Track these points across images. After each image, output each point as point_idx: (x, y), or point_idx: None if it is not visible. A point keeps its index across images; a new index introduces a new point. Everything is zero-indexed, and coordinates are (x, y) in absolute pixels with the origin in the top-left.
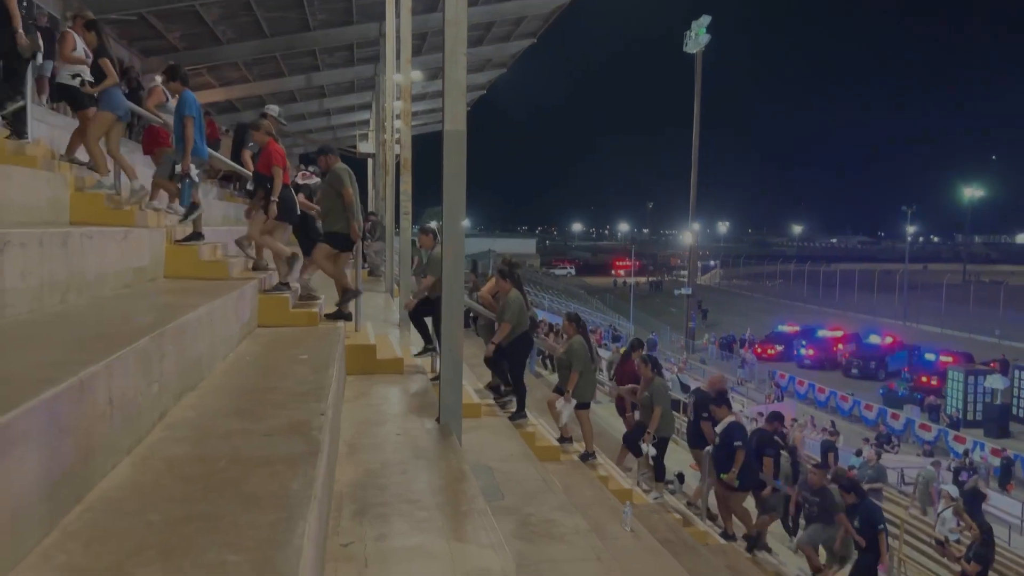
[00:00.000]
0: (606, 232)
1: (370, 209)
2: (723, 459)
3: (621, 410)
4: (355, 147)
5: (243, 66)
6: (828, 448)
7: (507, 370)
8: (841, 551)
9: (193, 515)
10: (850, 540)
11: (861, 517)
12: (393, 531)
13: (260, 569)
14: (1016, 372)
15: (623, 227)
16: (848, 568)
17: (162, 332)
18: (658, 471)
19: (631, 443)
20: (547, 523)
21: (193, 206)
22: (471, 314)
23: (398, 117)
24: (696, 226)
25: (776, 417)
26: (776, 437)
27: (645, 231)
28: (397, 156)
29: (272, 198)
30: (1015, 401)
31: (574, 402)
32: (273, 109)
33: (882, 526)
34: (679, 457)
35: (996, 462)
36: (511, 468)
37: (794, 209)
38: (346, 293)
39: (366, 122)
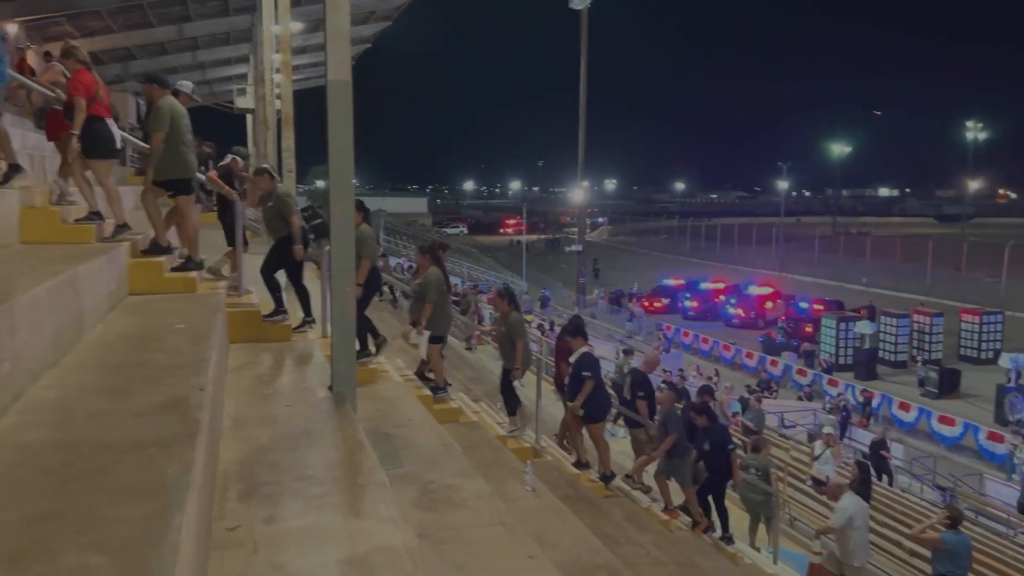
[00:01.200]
0: (497, 190)
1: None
2: (573, 388)
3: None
4: (232, 103)
5: (106, 15)
6: (705, 391)
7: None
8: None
9: (52, 511)
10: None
11: (712, 440)
12: (285, 511)
13: (128, 573)
14: (882, 318)
15: (514, 185)
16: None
17: (12, 304)
18: (510, 403)
19: (507, 392)
20: (449, 489)
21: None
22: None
23: (278, 71)
24: (585, 184)
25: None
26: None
27: (536, 189)
28: (278, 112)
29: (72, 131)
30: (881, 345)
31: (427, 334)
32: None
33: (732, 446)
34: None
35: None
36: (410, 434)
37: (677, 167)
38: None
39: (244, 76)
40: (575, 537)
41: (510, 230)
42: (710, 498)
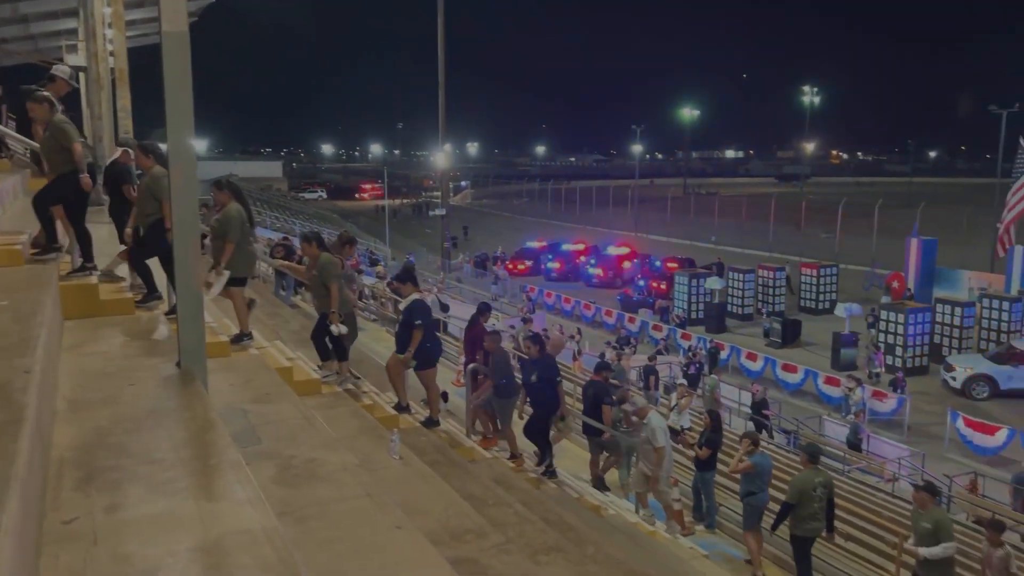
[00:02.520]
0: (357, 154)
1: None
2: (403, 337)
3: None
4: (61, 60)
5: None
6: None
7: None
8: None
9: None
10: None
11: (539, 372)
12: (128, 498)
13: None
14: (730, 273)
15: (375, 149)
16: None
17: None
18: (339, 351)
19: (320, 338)
20: (311, 463)
21: None
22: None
23: (110, 25)
24: (447, 148)
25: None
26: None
27: (397, 153)
28: (112, 69)
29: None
30: (730, 299)
31: (227, 274)
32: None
33: (559, 378)
34: (443, 377)
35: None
36: (267, 409)
37: (536, 130)
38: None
39: (74, 31)
40: (444, 503)
41: (366, 195)
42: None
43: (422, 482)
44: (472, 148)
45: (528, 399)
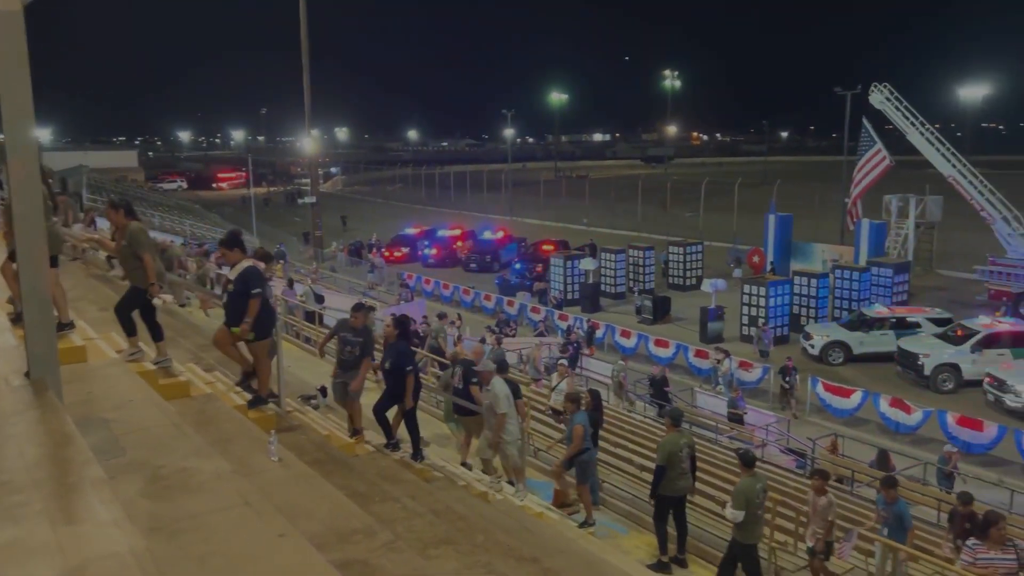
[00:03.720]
0: (218, 141)
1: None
2: (236, 310)
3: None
4: None
5: None
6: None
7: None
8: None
9: None
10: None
11: (392, 358)
12: None
13: None
14: (602, 254)
15: (238, 135)
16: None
17: None
18: (154, 332)
19: (122, 314)
20: (182, 473)
21: None
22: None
23: None
24: (314, 133)
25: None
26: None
27: (261, 139)
28: None
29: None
30: (603, 279)
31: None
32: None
33: (411, 367)
34: (322, 371)
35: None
36: (131, 416)
37: (407, 115)
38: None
39: None
40: (329, 504)
41: (224, 184)
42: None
43: (304, 484)
44: (341, 133)
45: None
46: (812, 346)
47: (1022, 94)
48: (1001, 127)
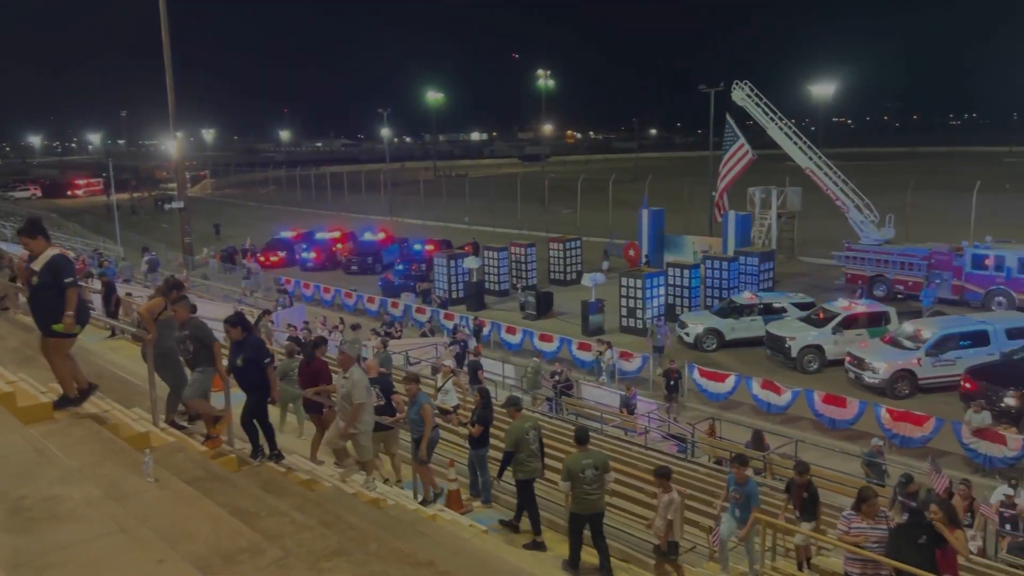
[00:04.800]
0: (74, 146)
1: None
2: (48, 307)
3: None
4: None
5: None
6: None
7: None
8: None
9: None
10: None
11: (246, 354)
12: None
13: None
14: (485, 252)
15: (95, 139)
16: None
17: None
18: None
19: None
20: (48, 502)
21: None
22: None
23: None
24: (179, 135)
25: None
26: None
27: (122, 142)
28: None
29: None
30: (487, 277)
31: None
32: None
33: (268, 359)
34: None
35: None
36: None
37: (279, 115)
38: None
39: None
40: (211, 523)
41: (80, 191)
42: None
43: (184, 504)
44: (208, 135)
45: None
46: (687, 334)
47: (866, 91)
48: (850, 121)
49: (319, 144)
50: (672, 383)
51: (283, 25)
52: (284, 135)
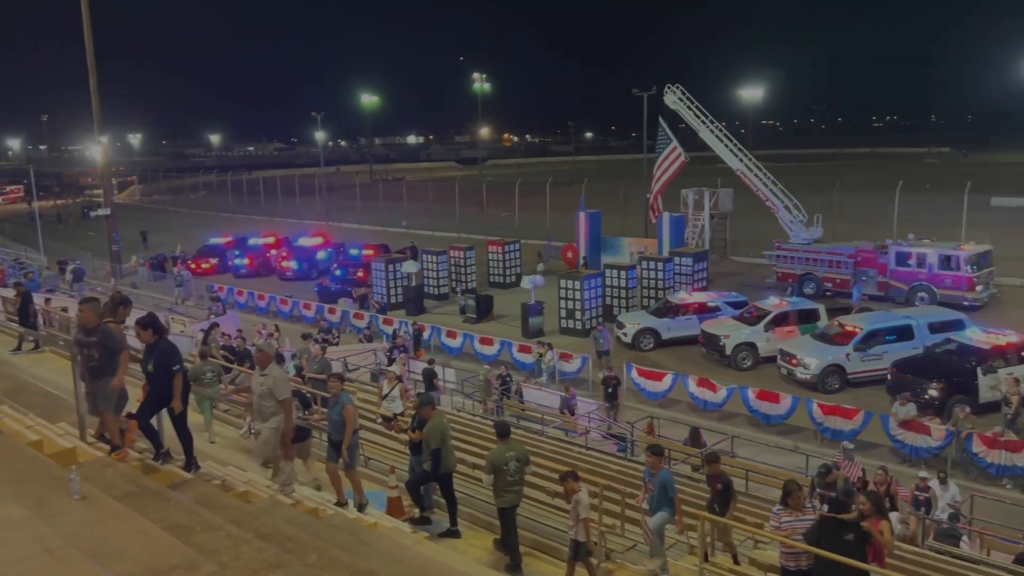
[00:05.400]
0: None
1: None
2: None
3: None
4: None
5: None
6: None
7: None
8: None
9: None
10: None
11: (156, 359)
12: None
13: None
14: (424, 256)
15: (14, 145)
16: None
17: None
18: None
19: None
20: None
21: None
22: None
23: None
24: (105, 140)
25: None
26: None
27: (43, 148)
28: None
29: None
30: (426, 281)
31: None
32: None
33: (178, 366)
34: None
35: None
36: None
37: (210, 119)
38: None
39: None
40: (143, 540)
41: None
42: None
43: (114, 521)
44: (136, 140)
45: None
46: (625, 334)
47: (793, 95)
48: (778, 124)
49: (251, 148)
50: (610, 391)
51: (214, 26)
52: (215, 139)
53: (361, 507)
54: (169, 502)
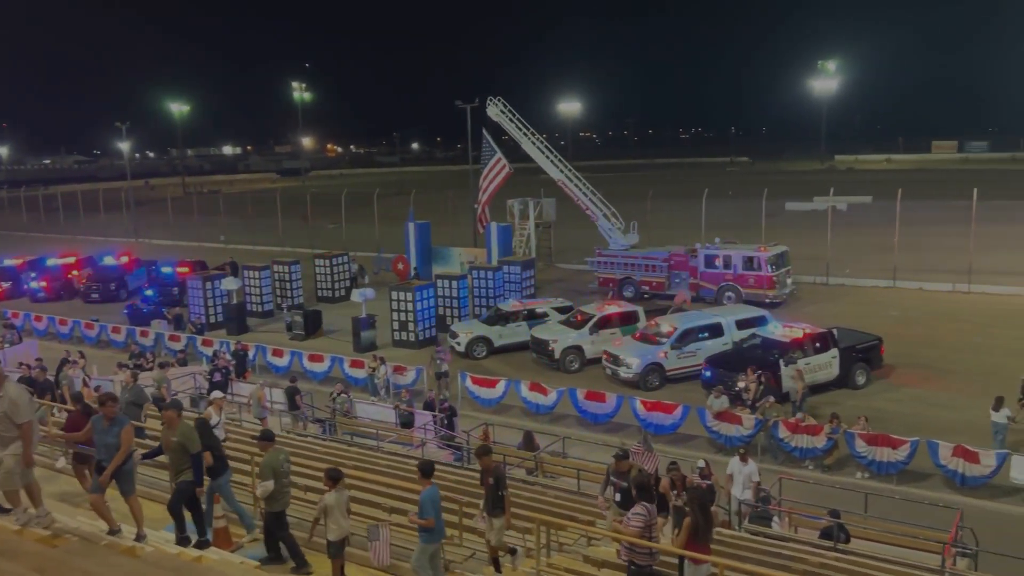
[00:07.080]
0: None
1: None
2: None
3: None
4: None
5: None
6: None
7: None
8: None
9: None
10: None
11: None
12: None
13: None
14: (245, 272)
15: None
16: None
17: None
18: None
19: None
20: None
21: None
22: None
23: None
24: None
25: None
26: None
27: None
28: None
29: None
30: (248, 298)
31: None
32: None
33: None
34: None
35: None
36: None
37: None
38: None
39: None
40: None
41: None
42: None
43: None
44: None
45: None
46: (459, 343)
47: (608, 109)
48: (595, 136)
49: (47, 161)
50: (447, 421)
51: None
52: (3, 152)
53: (138, 539)
54: None
